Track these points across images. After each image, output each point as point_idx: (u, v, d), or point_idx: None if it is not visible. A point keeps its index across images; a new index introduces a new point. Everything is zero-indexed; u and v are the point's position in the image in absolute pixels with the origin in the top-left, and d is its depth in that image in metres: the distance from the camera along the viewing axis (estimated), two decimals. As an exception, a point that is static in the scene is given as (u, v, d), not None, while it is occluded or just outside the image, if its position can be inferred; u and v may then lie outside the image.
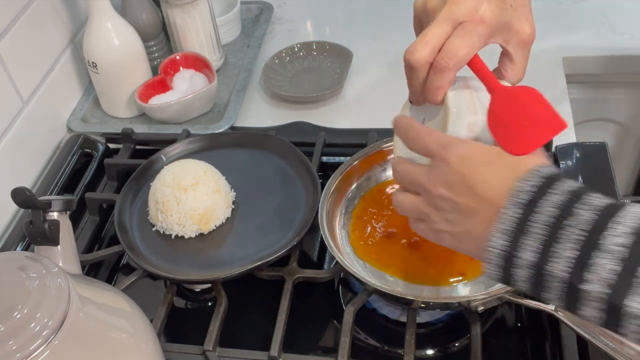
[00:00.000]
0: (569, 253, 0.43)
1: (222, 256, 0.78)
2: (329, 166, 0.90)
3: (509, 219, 0.46)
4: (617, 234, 0.42)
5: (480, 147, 0.51)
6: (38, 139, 0.99)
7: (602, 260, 0.42)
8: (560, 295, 0.44)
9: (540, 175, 0.46)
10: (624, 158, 1.34)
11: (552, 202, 0.44)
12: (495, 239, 0.46)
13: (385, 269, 0.72)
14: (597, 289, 0.42)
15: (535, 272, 0.45)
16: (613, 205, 0.44)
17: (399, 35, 1.19)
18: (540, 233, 0.44)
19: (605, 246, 0.42)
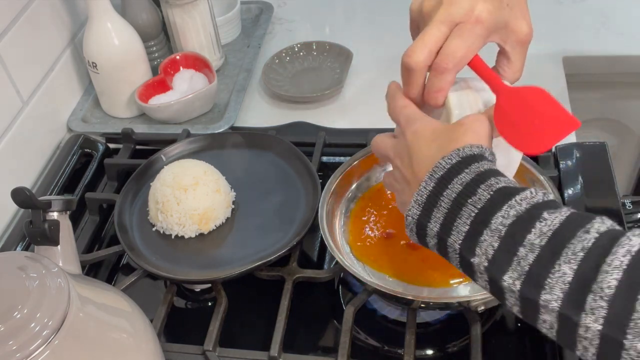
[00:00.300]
0: (465, 228, 0.47)
1: (222, 256, 0.78)
2: (329, 166, 0.90)
3: (424, 191, 0.50)
4: (507, 216, 0.45)
5: (433, 126, 0.54)
6: (38, 139, 0.99)
7: (488, 237, 0.45)
8: (459, 265, 0.49)
9: (459, 155, 0.49)
10: (624, 158, 1.34)
11: (461, 181, 0.48)
12: (412, 208, 0.51)
13: (385, 271, 0.72)
14: (482, 262, 0.46)
15: (440, 242, 0.50)
16: (512, 189, 0.47)
17: (399, 35, 1.18)
18: (446, 207, 0.48)
19: (494, 225, 0.45)
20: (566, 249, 0.42)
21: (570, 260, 0.42)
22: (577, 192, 0.80)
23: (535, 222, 0.44)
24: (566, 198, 0.80)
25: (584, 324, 0.41)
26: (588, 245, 0.42)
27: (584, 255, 0.41)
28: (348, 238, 0.77)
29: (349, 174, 0.80)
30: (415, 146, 0.53)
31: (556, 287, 0.42)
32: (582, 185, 0.81)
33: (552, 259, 0.42)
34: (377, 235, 0.76)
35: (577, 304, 0.41)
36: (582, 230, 0.43)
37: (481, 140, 0.51)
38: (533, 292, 0.43)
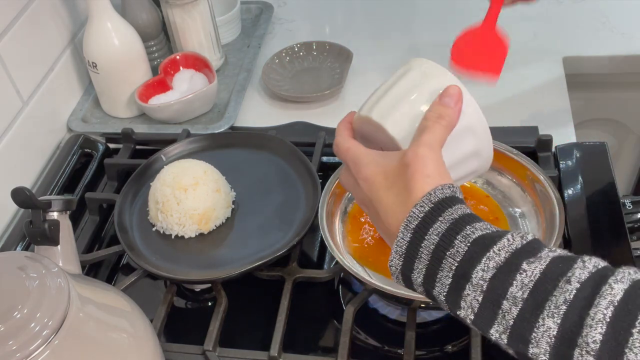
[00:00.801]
0: (447, 280, 0.46)
1: (222, 256, 0.78)
2: (329, 166, 0.90)
3: (402, 242, 0.48)
4: (487, 268, 0.44)
5: (381, 169, 0.52)
6: (38, 139, 0.99)
7: (471, 292, 0.45)
8: (449, 312, 0.48)
9: (431, 201, 0.48)
10: (624, 158, 1.34)
11: (437, 231, 0.47)
12: (394, 259, 0.49)
13: (384, 273, 0.72)
14: (469, 316, 0.45)
15: (427, 292, 0.49)
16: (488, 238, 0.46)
17: (399, 35, 1.19)
18: (426, 259, 0.47)
19: (475, 280, 0.45)
20: (549, 301, 0.42)
21: (553, 314, 0.41)
22: (577, 192, 0.80)
23: (515, 274, 0.43)
24: (566, 198, 0.80)
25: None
26: (570, 297, 0.41)
27: (566, 309, 0.41)
28: (346, 240, 0.77)
29: (349, 174, 0.80)
30: (374, 197, 0.52)
31: (542, 341, 0.42)
32: (582, 185, 0.81)
33: (536, 313, 0.42)
34: (376, 236, 0.76)
35: (565, 358, 0.41)
36: (564, 280, 0.42)
37: (432, 177, 0.49)
38: (520, 346, 0.43)
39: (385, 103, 0.56)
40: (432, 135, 0.51)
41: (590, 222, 0.77)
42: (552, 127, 0.91)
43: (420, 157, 0.50)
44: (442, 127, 0.52)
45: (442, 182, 0.49)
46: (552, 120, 0.95)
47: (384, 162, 0.53)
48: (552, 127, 0.91)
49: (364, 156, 0.54)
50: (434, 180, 0.49)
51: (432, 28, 1.19)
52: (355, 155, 0.55)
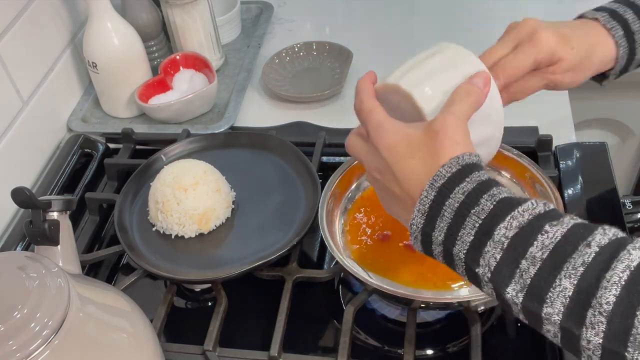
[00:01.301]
0: (469, 238, 0.47)
1: (222, 256, 0.78)
2: (329, 166, 0.90)
3: (425, 201, 0.49)
4: (510, 227, 0.45)
5: (404, 137, 0.52)
6: (38, 139, 0.99)
7: (491, 248, 0.45)
8: (464, 273, 0.49)
9: (459, 163, 0.49)
10: (624, 158, 1.34)
11: (463, 190, 0.48)
12: (416, 217, 0.50)
13: (383, 274, 0.71)
14: (486, 273, 0.46)
15: (445, 251, 0.49)
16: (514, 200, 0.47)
17: (399, 35, 1.19)
18: (449, 217, 0.48)
19: (497, 237, 0.45)
20: (567, 263, 0.42)
21: (570, 274, 0.42)
22: (577, 192, 0.80)
23: (537, 234, 0.44)
24: (566, 198, 0.80)
25: (586, 337, 0.41)
26: (588, 260, 0.42)
27: (584, 270, 0.42)
28: (345, 240, 0.76)
29: (349, 174, 0.80)
30: (394, 163, 0.52)
31: (557, 301, 0.42)
32: (582, 185, 0.81)
33: (553, 273, 0.43)
34: (374, 237, 0.76)
35: (578, 319, 0.41)
36: (584, 244, 0.43)
37: (461, 145, 0.50)
38: (535, 305, 0.43)
39: (416, 74, 0.56)
40: (461, 107, 0.52)
41: (590, 222, 0.76)
42: (552, 127, 0.91)
43: (449, 124, 0.51)
44: (470, 104, 0.53)
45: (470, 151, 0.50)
46: (552, 120, 0.95)
47: (407, 131, 0.53)
48: (552, 127, 0.91)
49: (388, 122, 0.54)
50: (462, 148, 0.50)
51: (432, 28, 1.19)
52: (379, 120, 0.54)
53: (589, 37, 0.65)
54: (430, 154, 0.50)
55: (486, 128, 0.57)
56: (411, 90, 0.55)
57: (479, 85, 0.54)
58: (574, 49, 0.63)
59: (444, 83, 0.55)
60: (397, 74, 0.57)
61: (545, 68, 0.64)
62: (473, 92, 0.53)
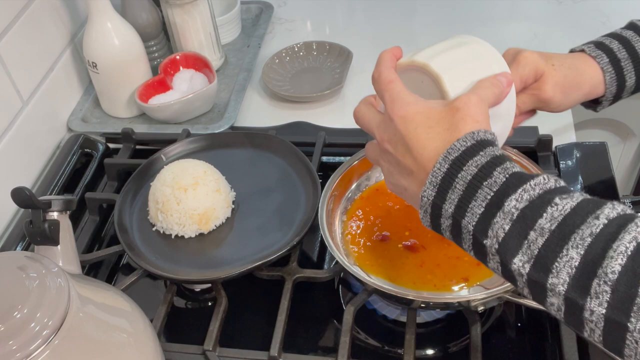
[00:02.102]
0: (479, 210, 0.47)
1: (222, 256, 0.78)
2: (329, 166, 0.90)
3: (438, 173, 0.50)
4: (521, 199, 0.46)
5: (423, 110, 0.52)
6: (38, 139, 0.99)
7: (500, 219, 0.46)
8: (471, 247, 0.49)
9: (474, 138, 0.49)
10: (624, 158, 1.34)
11: (476, 163, 0.48)
12: (427, 189, 0.50)
13: (382, 276, 0.71)
14: (494, 245, 0.46)
15: (454, 223, 0.49)
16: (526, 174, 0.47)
17: (399, 35, 1.19)
18: (461, 189, 0.48)
19: (507, 208, 0.46)
20: (575, 234, 0.43)
21: (577, 245, 0.43)
22: (577, 192, 0.80)
23: (546, 207, 0.45)
24: (566, 198, 0.80)
25: (589, 307, 0.42)
26: (596, 231, 0.42)
27: (591, 241, 0.42)
28: (343, 240, 0.76)
29: (349, 174, 0.80)
30: (409, 134, 0.52)
31: (563, 271, 0.43)
32: (582, 185, 0.81)
33: (561, 244, 0.43)
34: (373, 238, 0.75)
35: (583, 288, 0.42)
36: (592, 216, 0.43)
37: (480, 123, 0.51)
38: (541, 275, 0.44)
39: (446, 59, 0.57)
40: (485, 93, 0.53)
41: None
42: (552, 127, 0.91)
43: (472, 103, 0.51)
44: (493, 94, 0.54)
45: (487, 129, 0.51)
46: (552, 120, 0.95)
47: (426, 104, 0.53)
48: (552, 127, 0.91)
49: (406, 94, 0.54)
50: (481, 126, 0.50)
51: (432, 28, 1.19)
52: (397, 91, 0.54)
53: (574, 59, 0.68)
54: (449, 129, 0.50)
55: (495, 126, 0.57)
56: (442, 73, 0.56)
57: (503, 82, 0.55)
58: (554, 65, 0.66)
59: (472, 73, 0.56)
60: (426, 54, 0.58)
61: (532, 85, 0.66)
62: (497, 85, 0.55)
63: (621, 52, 0.68)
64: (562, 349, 0.66)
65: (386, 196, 0.80)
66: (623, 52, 0.68)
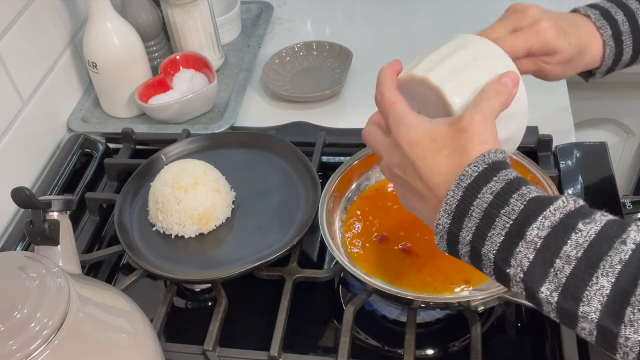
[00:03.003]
0: (499, 238, 0.47)
1: (222, 256, 0.78)
2: (329, 166, 0.90)
3: (452, 201, 0.49)
4: (542, 227, 0.45)
5: (429, 132, 0.52)
6: (38, 139, 0.99)
7: (523, 249, 0.45)
8: (492, 273, 0.48)
9: (485, 162, 0.48)
10: (624, 158, 1.34)
11: (491, 190, 0.47)
12: (442, 217, 0.50)
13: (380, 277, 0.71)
14: (518, 274, 0.46)
15: (472, 250, 0.49)
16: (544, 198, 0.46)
17: (399, 35, 1.19)
18: (478, 217, 0.47)
19: (529, 237, 0.45)
20: (603, 261, 0.42)
21: (607, 273, 0.42)
22: (577, 192, 0.80)
23: (570, 233, 0.44)
24: (566, 198, 0.80)
25: (624, 334, 0.41)
26: (625, 258, 0.42)
27: (621, 268, 0.42)
28: (343, 241, 0.76)
29: (349, 174, 0.80)
30: (417, 159, 0.51)
31: (594, 299, 0.42)
32: (582, 185, 0.81)
33: (590, 272, 0.42)
34: (372, 239, 0.75)
35: (616, 316, 0.41)
36: (619, 241, 0.43)
37: (488, 144, 0.50)
38: (571, 304, 0.43)
39: (445, 68, 0.55)
40: (489, 106, 0.52)
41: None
42: (552, 127, 0.91)
43: (477, 122, 0.50)
44: (499, 103, 0.52)
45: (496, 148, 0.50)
46: (552, 120, 0.95)
47: (431, 126, 0.52)
48: (552, 127, 0.91)
49: (411, 117, 0.53)
50: (489, 147, 0.49)
51: (432, 28, 1.19)
52: (401, 113, 0.53)
53: (583, 36, 0.66)
54: (457, 152, 0.50)
55: (510, 126, 0.57)
56: (442, 86, 0.54)
57: (508, 85, 0.53)
58: (570, 44, 0.65)
59: (474, 79, 0.55)
60: (425, 66, 0.56)
61: (540, 57, 0.65)
62: (502, 91, 0.53)
63: (624, 25, 0.66)
64: (562, 349, 0.66)
65: (386, 196, 0.80)
66: (626, 25, 0.66)
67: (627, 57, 0.68)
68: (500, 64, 0.56)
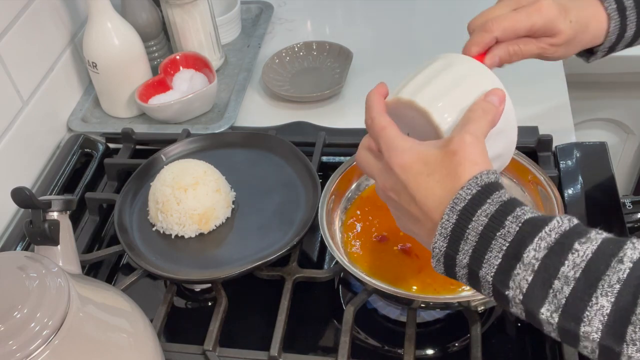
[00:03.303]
0: (496, 261, 0.46)
1: (222, 256, 0.78)
2: (329, 166, 0.90)
3: (447, 225, 0.49)
4: (539, 248, 0.45)
5: (420, 157, 0.51)
6: (38, 139, 0.99)
7: (521, 271, 0.45)
8: (491, 294, 0.48)
9: (478, 184, 0.48)
10: (624, 158, 1.34)
11: (485, 213, 0.47)
12: (438, 241, 0.49)
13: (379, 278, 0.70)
14: (517, 295, 0.46)
15: (470, 272, 0.49)
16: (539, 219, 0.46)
17: (399, 35, 1.19)
18: (474, 240, 0.47)
19: (526, 259, 0.45)
20: (602, 280, 0.42)
21: (607, 292, 0.42)
22: (577, 192, 0.80)
23: (567, 253, 0.44)
24: (566, 198, 0.80)
25: (627, 353, 0.41)
26: (623, 277, 0.42)
27: (620, 287, 0.42)
28: (342, 241, 0.76)
29: (349, 174, 0.80)
30: (410, 183, 0.51)
31: (595, 319, 0.42)
32: (582, 185, 0.81)
33: (589, 292, 0.43)
34: (371, 239, 0.75)
35: (618, 336, 0.41)
36: (616, 260, 0.43)
37: (479, 165, 0.50)
38: (572, 324, 0.43)
39: (431, 90, 0.55)
40: (478, 126, 0.52)
41: (590, 222, 0.76)
42: (552, 127, 0.91)
43: (468, 144, 0.50)
44: (487, 122, 0.52)
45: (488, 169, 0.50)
46: (552, 120, 0.95)
47: (422, 149, 0.52)
48: (552, 127, 0.91)
49: (401, 141, 0.53)
50: (480, 168, 0.49)
51: (432, 28, 1.19)
52: (391, 137, 0.53)
53: (585, 10, 0.66)
54: (449, 175, 0.50)
55: (499, 143, 0.57)
56: (428, 108, 0.54)
57: (494, 103, 0.53)
58: (572, 22, 0.64)
59: (460, 99, 0.55)
60: (410, 89, 0.56)
61: (542, 38, 0.64)
62: (489, 110, 0.53)
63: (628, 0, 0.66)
64: (562, 349, 0.66)
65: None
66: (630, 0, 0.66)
67: (629, 34, 0.67)
68: (486, 80, 0.56)
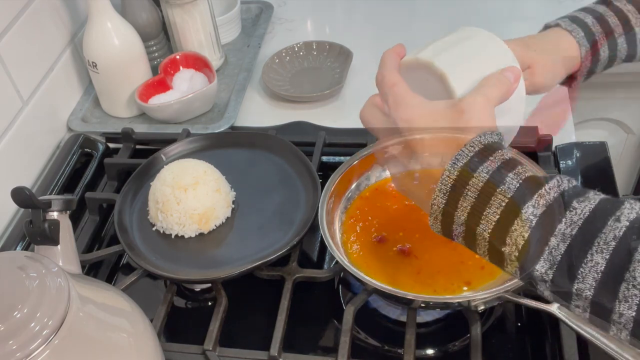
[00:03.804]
0: (494, 217, 0.47)
1: (222, 256, 0.78)
2: (329, 166, 0.90)
3: (447, 180, 0.49)
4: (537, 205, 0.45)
5: (428, 112, 0.52)
6: (38, 139, 0.99)
7: (519, 227, 0.45)
8: (486, 253, 0.49)
9: (481, 142, 0.49)
10: (624, 158, 1.34)
11: (487, 169, 0.47)
12: (437, 197, 0.50)
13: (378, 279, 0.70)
14: (513, 252, 0.46)
15: (467, 230, 0.49)
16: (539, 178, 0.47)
17: (399, 35, 1.19)
18: (473, 196, 0.48)
19: (525, 215, 0.45)
20: (598, 238, 0.43)
21: (602, 249, 0.42)
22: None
23: (565, 211, 0.44)
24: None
25: (618, 311, 0.42)
26: (619, 234, 0.42)
27: (615, 245, 0.42)
28: (342, 241, 0.76)
29: (349, 174, 0.80)
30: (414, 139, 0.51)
31: (589, 276, 0.42)
32: (582, 185, 0.81)
33: (584, 249, 0.43)
34: (371, 239, 0.75)
35: (611, 293, 0.42)
36: (613, 219, 0.43)
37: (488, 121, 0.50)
38: (566, 281, 0.43)
39: (450, 55, 0.56)
40: (491, 92, 0.52)
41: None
42: (552, 127, 0.91)
43: (478, 104, 0.50)
44: (500, 93, 0.53)
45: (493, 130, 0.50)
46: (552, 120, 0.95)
47: (430, 106, 0.52)
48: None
49: (410, 97, 0.53)
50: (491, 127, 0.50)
51: (432, 28, 1.19)
52: (401, 94, 0.53)
53: (549, 38, 0.69)
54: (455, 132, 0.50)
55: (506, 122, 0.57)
56: (447, 70, 0.55)
57: (509, 78, 0.54)
58: (536, 51, 0.66)
59: (478, 68, 0.55)
60: (430, 51, 0.57)
61: None
62: (504, 82, 0.53)
63: (595, 27, 0.68)
64: (562, 349, 0.66)
65: (385, 196, 0.80)
66: (597, 26, 0.68)
67: (604, 57, 0.70)
68: (505, 57, 0.57)
